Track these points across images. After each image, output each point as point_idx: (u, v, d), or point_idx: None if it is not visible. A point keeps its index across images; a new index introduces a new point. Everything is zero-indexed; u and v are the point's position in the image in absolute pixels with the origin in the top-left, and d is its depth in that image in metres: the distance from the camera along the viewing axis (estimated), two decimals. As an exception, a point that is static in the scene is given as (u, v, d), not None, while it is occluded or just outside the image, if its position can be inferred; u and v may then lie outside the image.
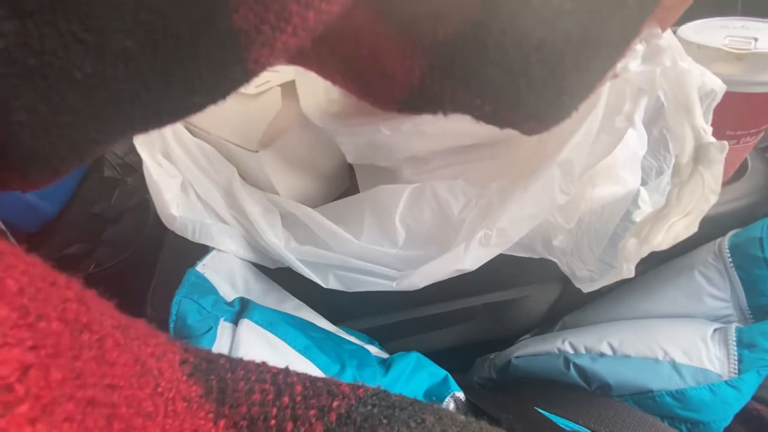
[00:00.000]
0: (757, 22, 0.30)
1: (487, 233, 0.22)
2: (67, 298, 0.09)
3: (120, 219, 0.52)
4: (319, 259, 0.24)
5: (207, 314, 0.20)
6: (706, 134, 0.20)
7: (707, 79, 0.21)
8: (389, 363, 0.25)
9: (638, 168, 0.26)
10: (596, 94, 0.21)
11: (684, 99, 0.20)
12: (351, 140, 0.23)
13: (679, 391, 0.27)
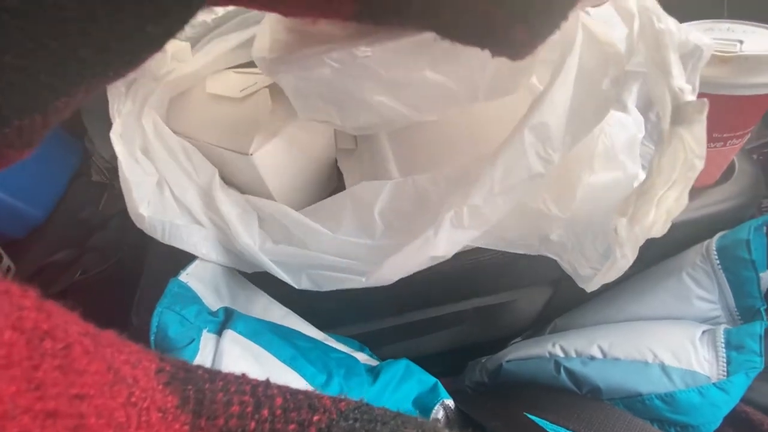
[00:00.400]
0: (743, 24, 0.31)
1: (457, 212, 0.20)
2: (22, 306, 0.09)
3: (107, 225, 0.51)
4: (292, 258, 0.24)
5: (189, 325, 0.20)
6: (683, 94, 0.18)
7: (691, 37, 0.19)
8: (378, 371, 0.25)
9: (637, 152, 0.24)
10: (566, 51, 0.19)
11: (660, 60, 0.19)
12: (298, 80, 0.20)
13: (669, 394, 0.27)
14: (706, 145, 0.19)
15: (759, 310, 0.30)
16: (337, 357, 0.24)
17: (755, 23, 0.30)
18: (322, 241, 0.23)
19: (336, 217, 0.24)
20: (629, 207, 0.20)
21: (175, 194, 0.25)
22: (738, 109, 0.29)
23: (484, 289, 0.33)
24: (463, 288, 0.32)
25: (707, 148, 0.31)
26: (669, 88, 0.19)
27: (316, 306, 0.30)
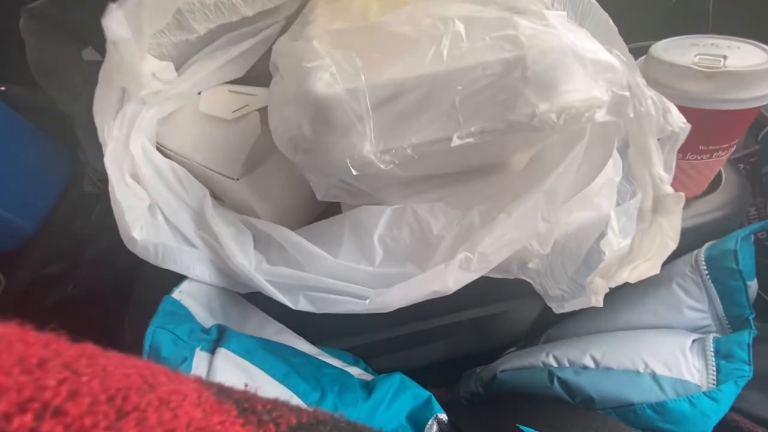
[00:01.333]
0: (727, 40, 0.31)
1: (468, 256, 0.22)
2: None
3: (100, 237, 0.51)
4: (290, 279, 0.24)
5: (182, 344, 0.20)
6: (663, 184, 0.22)
7: (670, 120, 0.21)
8: (372, 386, 0.25)
9: (614, 193, 0.27)
10: (583, 128, 0.22)
11: (642, 146, 0.21)
12: (321, 178, 0.24)
13: (660, 403, 0.27)
14: (680, 228, 0.23)
15: (747, 319, 0.30)
16: (331, 373, 0.24)
17: (739, 39, 0.31)
18: (321, 265, 0.24)
19: (335, 241, 0.25)
20: (609, 271, 0.23)
21: (167, 217, 0.25)
22: (723, 122, 0.29)
23: (478, 301, 0.34)
24: (457, 300, 0.32)
25: (695, 161, 0.32)
26: (650, 176, 0.22)
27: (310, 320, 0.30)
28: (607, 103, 0.21)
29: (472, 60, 0.21)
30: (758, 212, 0.45)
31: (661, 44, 0.32)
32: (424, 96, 0.22)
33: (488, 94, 0.22)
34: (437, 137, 0.22)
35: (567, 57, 0.21)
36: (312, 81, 0.21)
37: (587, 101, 0.21)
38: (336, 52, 0.22)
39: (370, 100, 0.21)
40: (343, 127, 0.22)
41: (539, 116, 0.21)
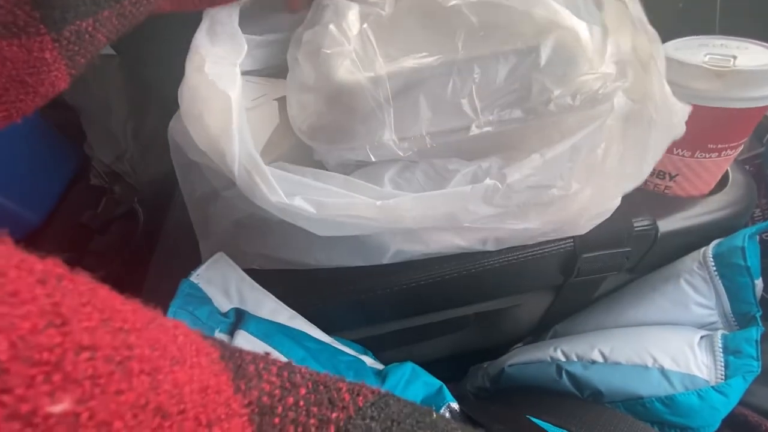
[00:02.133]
0: (736, 41, 0.32)
1: (496, 185, 0.22)
2: (41, 278, 0.08)
3: (107, 229, 0.51)
4: (288, 180, 0.22)
5: (202, 325, 0.20)
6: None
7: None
8: (384, 374, 0.25)
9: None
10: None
11: None
12: (339, 164, 0.24)
13: (669, 396, 0.27)
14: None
15: (754, 316, 0.31)
16: (346, 360, 0.24)
17: (747, 39, 0.32)
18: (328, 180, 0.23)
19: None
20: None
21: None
22: (732, 121, 0.30)
23: (486, 295, 0.34)
24: (465, 293, 0.32)
25: (703, 159, 0.32)
26: None
27: (321, 309, 0.31)
28: (615, 76, 0.21)
29: (486, 50, 0.22)
30: (763, 213, 0.45)
31: (671, 44, 0.32)
32: (443, 84, 0.22)
33: (504, 83, 0.22)
34: (455, 126, 0.23)
35: (577, 42, 0.22)
36: (333, 67, 0.22)
37: (599, 79, 0.22)
38: (355, 38, 0.23)
39: (390, 87, 0.22)
40: (363, 114, 0.22)
41: (555, 101, 0.22)
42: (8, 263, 0.08)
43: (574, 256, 0.31)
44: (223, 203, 0.28)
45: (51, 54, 0.16)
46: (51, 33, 0.16)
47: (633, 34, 0.23)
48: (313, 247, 0.28)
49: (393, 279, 0.30)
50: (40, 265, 0.08)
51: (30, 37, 0.16)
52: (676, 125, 0.26)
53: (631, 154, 0.26)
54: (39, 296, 0.07)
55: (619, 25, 0.24)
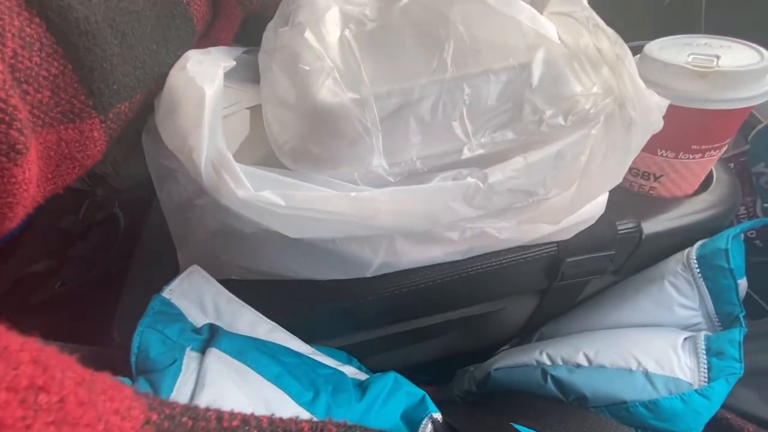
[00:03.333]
0: (720, 39, 0.32)
1: (477, 184, 0.21)
2: (19, 363, 0.09)
3: (88, 234, 0.50)
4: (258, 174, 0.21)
5: (172, 345, 0.20)
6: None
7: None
8: (366, 386, 0.24)
9: None
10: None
11: None
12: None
13: (652, 401, 0.27)
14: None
15: (737, 317, 0.31)
16: (325, 373, 0.24)
17: (731, 38, 0.31)
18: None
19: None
20: None
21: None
22: (715, 122, 0.30)
23: (471, 299, 0.33)
24: (451, 298, 0.32)
25: (687, 160, 0.32)
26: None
27: (304, 318, 0.30)
28: (604, 96, 0.21)
29: (477, 67, 0.21)
30: (747, 211, 0.45)
31: (655, 43, 0.32)
32: (433, 106, 0.21)
33: (495, 103, 0.21)
34: (447, 149, 0.22)
35: (568, 61, 0.21)
36: (315, 88, 0.20)
37: (590, 99, 0.21)
38: (335, 52, 0.21)
39: (378, 110, 0.21)
40: (350, 140, 0.21)
41: (547, 121, 0.21)
42: None
43: (558, 260, 0.30)
44: (199, 213, 0.27)
45: (98, 133, 0.19)
46: (100, 116, 0.19)
47: (593, 40, 0.23)
48: (291, 259, 0.28)
49: (376, 287, 0.29)
50: (25, 380, 0.09)
51: (83, 121, 0.18)
52: (655, 122, 0.25)
53: (612, 155, 0.26)
54: (17, 421, 0.08)
55: (577, 36, 0.23)
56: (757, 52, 0.30)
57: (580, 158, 0.24)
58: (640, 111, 0.24)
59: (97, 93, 0.18)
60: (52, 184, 0.19)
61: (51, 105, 0.17)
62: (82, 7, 0.17)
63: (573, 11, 0.23)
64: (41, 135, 0.17)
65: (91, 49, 0.17)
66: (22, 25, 0.15)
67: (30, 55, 0.16)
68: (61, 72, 0.17)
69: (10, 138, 0.14)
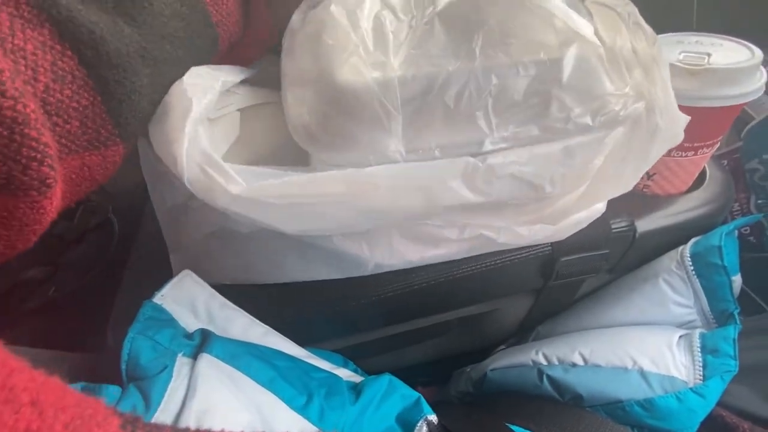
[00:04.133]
0: (711, 37, 0.32)
1: (476, 164, 0.20)
2: (21, 405, 0.09)
3: (82, 239, 0.49)
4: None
5: (163, 351, 0.19)
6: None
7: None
8: (360, 389, 0.24)
9: None
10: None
11: None
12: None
13: (648, 400, 0.27)
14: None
15: (732, 314, 0.31)
16: (319, 377, 0.24)
17: (722, 36, 0.31)
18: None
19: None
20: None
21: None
22: (707, 119, 0.30)
23: (467, 300, 0.33)
24: (446, 299, 0.32)
25: (680, 158, 0.32)
26: None
27: (299, 321, 0.30)
28: (635, 98, 0.20)
29: (505, 59, 0.20)
30: (741, 208, 0.45)
31: (646, 42, 0.32)
32: (457, 95, 0.20)
33: (521, 97, 0.21)
34: (468, 140, 0.21)
35: (600, 59, 0.20)
36: (337, 63, 0.19)
37: (621, 100, 0.21)
38: (362, 30, 0.20)
39: (401, 93, 0.20)
40: (369, 122, 0.20)
41: (574, 120, 0.20)
42: None
43: (552, 259, 0.30)
44: (194, 215, 0.27)
45: (119, 157, 0.20)
46: (124, 143, 0.19)
47: (631, 38, 0.22)
48: (287, 259, 0.27)
49: (371, 288, 0.29)
50: (23, 424, 0.09)
51: (108, 148, 0.19)
52: (677, 135, 0.25)
53: (630, 160, 0.25)
54: None
55: (616, 32, 0.22)
56: (748, 49, 0.30)
57: (594, 161, 0.23)
58: (666, 119, 0.23)
59: (124, 123, 0.19)
60: (68, 201, 0.19)
61: (78, 134, 0.17)
62: (113, 39, 0.17)
63: (615, 4, 0.23)
64: (66, 161, 0.17)
65: (121, 81, 0.17)
66: (55, 59, 0.15)
67: (61, 88, 0.16)
68: (91, 103, 0.17)
69: (42, 174, 0.15)
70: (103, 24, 0.16)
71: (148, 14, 0.18)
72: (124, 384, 0.19)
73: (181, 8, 0.20)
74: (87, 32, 0.16)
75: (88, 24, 0.16)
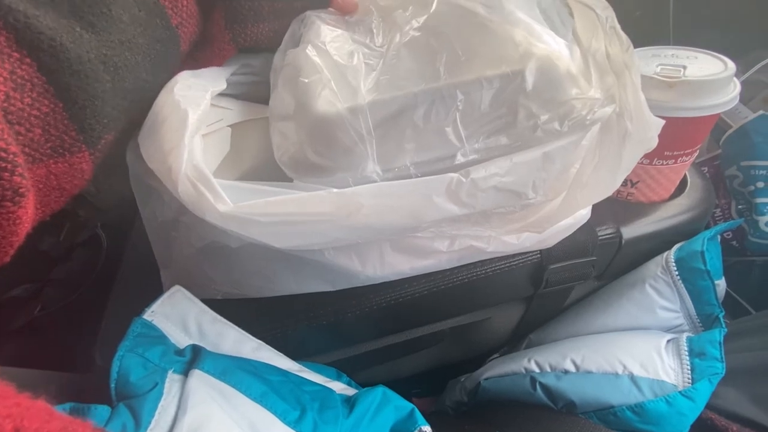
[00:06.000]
0: (686, 50, 0.33)
1: (459, 179, 0.21)
2: (2, 430, 0.09)
3: (69, 256, 0.49)
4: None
5: (153, 368, 0.19)
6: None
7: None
8: (354, 401, 0.24)
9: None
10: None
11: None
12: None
13: (638, 404, 0.28)
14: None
15: (717, 317, 0.31)
16: (312, 390, 0.24)
17: (697, 49, 0.33)
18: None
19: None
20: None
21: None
22: (685, 129, 0.31)
23: (458, 309, 0.34)
24: (437, 309, 0.32)
25: (661, 166, 0.33)
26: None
27: (292, 334, 0.30)
28: (603, 102, 0.21)
29: (470, 75, 0.21)
30: (723, 213, 0.47)
31: (625, 55, 0.33)
32: (425, 113, 0.22)
33: (489, 109, 0.22)
34: (441, 155, 0.22)
35: (562, 64, 0.21)
36: (312, 98, 0.21)
37: (587, 104, 0.21)
38: (334, 65, 0.22)
39: (371, 118, 0.21)
40: (345, 147, 0.21)
41: (542, 127, 0.21)
42: None
43: (542, 267, 0.31)
44: (184, 230, 0.27)
45: (87, 165, 0.19)
46: (89, 149, 0.19)
47: (606, 42, 0.23)
48: (279, 273, 0.28)
49: (363, 300, 0.29)
50: None
51: (73, 155, 0.18)
52: (650, 138, 0.26)
53: (604, 165, 0.26)
54: None
55: (592, 34, 0.23)
56: (722, 61, 0.31)
57: (574, 165, 0.24)
58: (636, 124, 0.24)
59: (88, 129, 0.18)
60: (41, 213, 0.19)
61: (41, 142, 0.17)
62: (73, 46, 0.17)
63: (596, 5, 0.24)
64: (32, 170, 0.17)
65: (83, 87, 0.17)
66: (13, 68, 0.15)
67: (22, 96, 0.16)
68: (52, 110, 0.17)
69: (14, 183, 0.15)
70: (62, 30, 0.16)
71: (107, 20, 0.18)
72: (113, 403, 0.18)
73: (140, 13, 0.20)
74: (46, 39, 0.16)
75: (47, 31, 0.16)
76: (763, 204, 0.42)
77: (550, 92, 0.21)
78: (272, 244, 0.21)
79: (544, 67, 0.21)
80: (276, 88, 0.24)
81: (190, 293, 0.25)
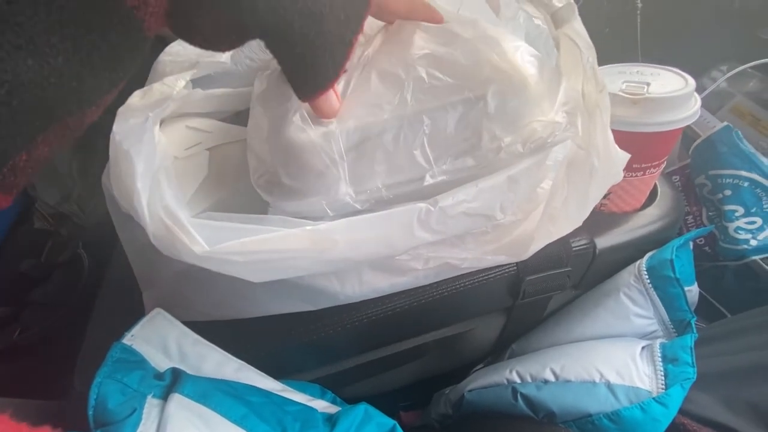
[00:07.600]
0: (651, 68, 0.34)
1: (428, 209, 0.22)
2: None
3: (50, 277, 0.48)
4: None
5: (132, 393, 0.19)
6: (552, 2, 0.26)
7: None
8: (335, 420, 0.24)
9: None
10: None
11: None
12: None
13: (615, 412, 0.28)
14: (589, 39, 0.25)
15: (689, 322, 0.33)
16: (293, 410, 0.24)
17: (661, 66, 0.34)
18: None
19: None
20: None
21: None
22: (651, 143, 0.32)
23: (439, 322, 0.34)
24: (418, 323, 0.33)
25: (631, 178, 0.34)
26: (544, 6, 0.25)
27: (275, 353, 0.30)
28: (565, 126, 0.22)
29: (435, 102, 0.22)
30: (695, 220, 0.48)
31: (593, 73, 0.34)
32: (394, 138, 0.23)
33: (454, 132, 0.23)
34: (411, 177, 0.23)
35: (524, 87, 0.22)
36: (284, 124, 0.22)
37: (548, 127, 0.23)
38: None
39: (343, 142, 0.22)
40: (317, 171, 0.22)
41: (505, 149, 0.22)
42: None
43: (519, 279, 0.32)
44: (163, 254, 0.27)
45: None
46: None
47: (584, 81, 0.25)
48: (259, 295, 0.28)
49: (345, 317, 0.30)
50: None
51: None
52: (616, 174, 0.27)
53: (573, 198, 0.28)
54: None
55: (573, 70, 0.25)
56: (683, 78, 0.33)
57: (539, 188, 0.25)
58: (603, 161, 0.26)
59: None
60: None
61: None
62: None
63: (583, 45, 0.25)
64: None
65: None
66: None
67: None
68: None
69: None
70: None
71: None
72: (91, 431, 0.18)
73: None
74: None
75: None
76: (731, 211, 0.44)
77: (511, 115, 0.22)
78: (250, 279, 0.22)
79: (505, 90, 0.22)
80: (253, 111, 0.25)
81: (171, 315, 0.26)
